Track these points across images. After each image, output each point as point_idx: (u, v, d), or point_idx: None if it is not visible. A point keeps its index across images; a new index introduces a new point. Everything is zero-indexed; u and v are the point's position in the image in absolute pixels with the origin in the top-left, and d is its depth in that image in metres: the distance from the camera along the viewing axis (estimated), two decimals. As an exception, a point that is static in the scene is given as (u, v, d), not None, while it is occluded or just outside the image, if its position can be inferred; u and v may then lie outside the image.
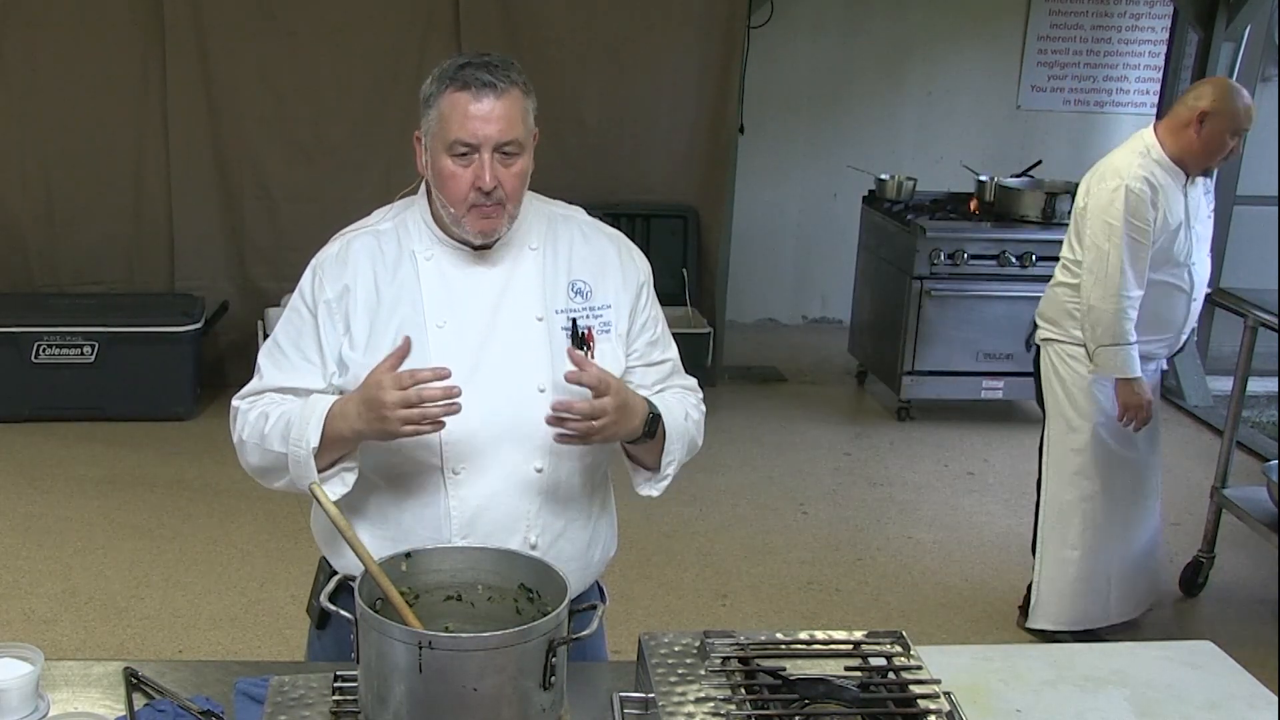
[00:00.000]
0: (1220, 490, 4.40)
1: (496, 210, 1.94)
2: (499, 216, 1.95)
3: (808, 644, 1.85)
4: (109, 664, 1.95)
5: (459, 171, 1.91)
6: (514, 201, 1.96)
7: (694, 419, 2.11)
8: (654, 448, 2.02)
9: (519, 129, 1.92)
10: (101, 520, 4.67)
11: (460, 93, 1.89)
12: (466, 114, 1.89)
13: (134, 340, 5.54)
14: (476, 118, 1.89)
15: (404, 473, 1.99)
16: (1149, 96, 7.33)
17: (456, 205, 1.94)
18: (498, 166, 1.91)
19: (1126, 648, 2.22)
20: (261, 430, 1.96)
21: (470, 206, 1.93)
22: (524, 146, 1.93)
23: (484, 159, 1.90)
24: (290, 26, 5.81)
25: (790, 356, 7.03)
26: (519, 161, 1.93)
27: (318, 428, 1.89)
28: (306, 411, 1.92)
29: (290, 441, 1.91)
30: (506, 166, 1.92)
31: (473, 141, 1.89)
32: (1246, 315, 4.30)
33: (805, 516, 5.01)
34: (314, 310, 2.01)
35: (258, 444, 1.97)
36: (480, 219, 1.94)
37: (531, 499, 2.00)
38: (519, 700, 1.60)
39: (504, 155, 1.91)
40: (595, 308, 2.05)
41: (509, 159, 1.92)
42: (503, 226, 1.98)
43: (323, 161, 5.93)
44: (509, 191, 1.93)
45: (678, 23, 6.11)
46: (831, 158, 7.30)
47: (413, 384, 1.81)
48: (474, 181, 1.91)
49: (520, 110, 1.92)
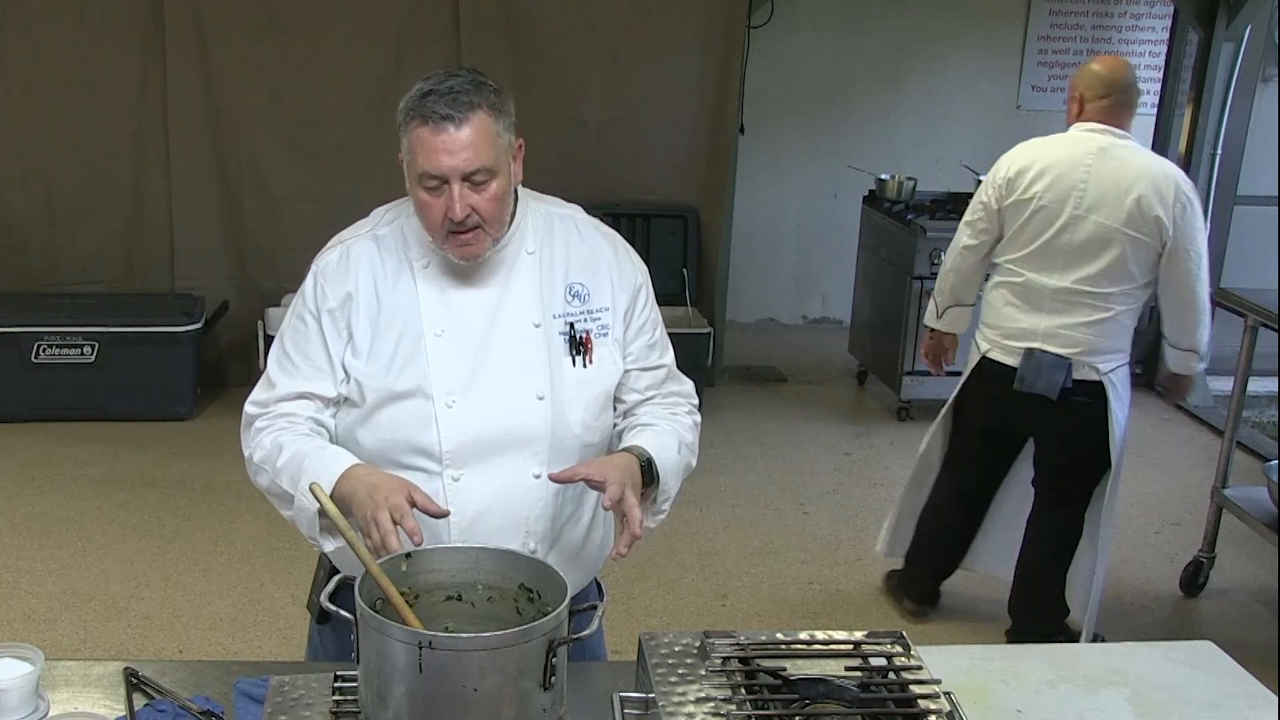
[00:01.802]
0: (1220, 490, 4.40)
1: (475, 235, 1.94)
2: (479, 241, 1.95)
3: (808, 644, 1.85)
4: (109, 664, 1.95)
5: (432, 202, 1.91)
6: (493, 224, 1.95)
7: (687, 442, 2.10)
8: (649, 491, 2.01)
9: (486, 154, 1.89)
10: (101, 520, 4.67)
11: (421, 127, 1.88)
12: (430, 147, 1.88)
13: (134, 340, 5.55)
14: (440, 150, 1.87)
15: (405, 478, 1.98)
16: (1149, 97, 7.29)
17: (434, 234, 1.95)
18: (469, 194, 1.90)
19: (1127, 648, 2.21)
20: (274, 464, 1.96)
21: (447, 234, 1.93)
22: (495, 171, 1.91)
23: (453, 190, 1.89)
24: (290, 27, 5.81)
25: (790, 356, 7.03)
26: (492, 185, 1.91)
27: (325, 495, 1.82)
28: (319, 462, 1.90)
29: (300, 492, 1.90)
30: (479, 192, 1.90)
31: (438, 173, 1.88)
32: (1246, 315, 4.30)
33: (805, 516, 5.00)
34: (318, 318, 2.01)
35: (269, 474, 1.97)
36: (458, 245, 1.94)
37: (531, 505, 2.00)
38: (519, 700, 1.60)
39: (474, 182, 1.90)
40: (593, 310, 2.05)
41: (481, 185, 1.90)
42: (485, 249, 1.97)
43: (323, 161, 5.93)
44: (485, 216, 1.92)
45: (678, 23, 6.10)
46: (831, 158, 7.30)
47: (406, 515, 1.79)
48: (446, 211, 1.90)
49: (487, 135, 1.89)
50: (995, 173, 3.83)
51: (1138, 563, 4.70)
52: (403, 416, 1.96)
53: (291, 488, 1.92)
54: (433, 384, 1.96)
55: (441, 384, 1.96)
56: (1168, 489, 5.41)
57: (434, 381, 1.96)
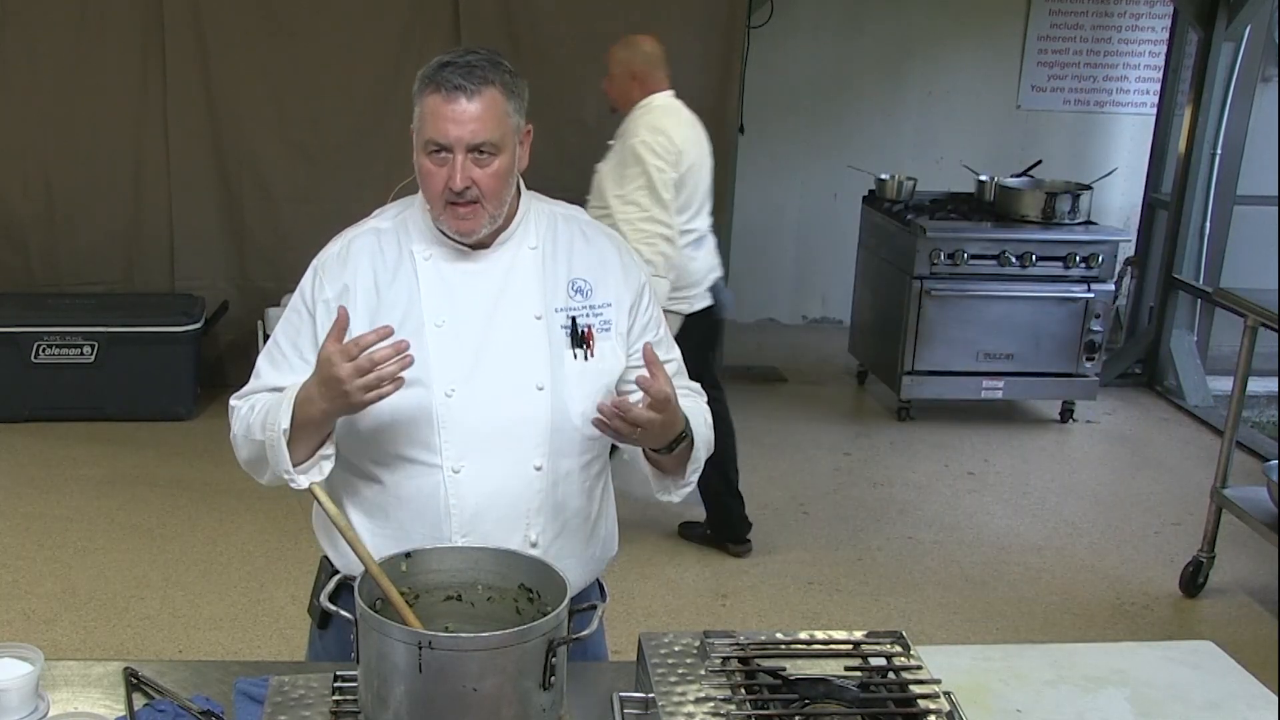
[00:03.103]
0: (1220, 490, 4.39)
1: (472, 210, 1.94)
2: (476, 216, 1.95)
3: (808, 644, 1.85)
4: (109, 664, 1.95)
5: (434, 170, 1.92)
6: (492, 200, 1.95)
7: (708, 421, 2.12)
8: (681, 455, 2.03)
9: (494, 130, 1.91)
10: (101, 520, 4.67)
11: (434, 95, 1.90)
12: (439, 115, 1.90)
13: (134, 340, 5.55)
14: (448, 119, 1.89)
15: (404, 472, 1.99)
16: (1149, 96, 7.33)
17: (433, 203, 1.96)
18: (472, 167, 1.91)
19: (1126, 648, 2.21)
20: (249, 421, 1.97)
21: (446, 204, 1.94)
22: (501, 147, 1.92)
23: (456, 160, 1.90)
24: (290, 27, 5.81)
25: (790, 356, 7.03)
26: (496, 161, 1.93)
27: (288, 411, 1.89)
28: (280, 398, 1.93)
29: (267, 428, 1.92)
30: (482, 167, 1.92)
31: (444, 142, 1.90)
32: (1246, 315, 4.30)
33: (805, 516, 5.01)
34: (312, 310, 2.01)
35: (244, 436, 1.99)
36: (455, 219, 1.95)
37: (531, 497, 2.00)
38: (519, 700, 1.60)
39: (479, 155, 1.91)
40: (595, 306, 2.05)
41: (485, 158, 1.92)
42: (482, 226, 1.97)
43: (323, 161, 5.93)
44: (485, 191, 1.93)
45: (678, 23, 6.09)
46: (831, 158, 7.30)
47: (359, 351, 1.80)
48: (447, 181, 1.92)
49: (497, 111, 1.91)
50: (670, 151, 4.12)
51: (1138, 563, 4.70)
52: (402, 407, 1.95)
53: (262, 434, 1.93)
54: (432, 375, 1.95)
55: (441, 375, 1.96)
56: (1168, 489, 5.41)
57: (434, 372, 1.95)
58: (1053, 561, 4.68)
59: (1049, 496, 5.29)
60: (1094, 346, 5.93)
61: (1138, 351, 6.73)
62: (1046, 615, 4.28)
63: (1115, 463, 5.81)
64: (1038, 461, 5.68)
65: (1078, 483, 5.48)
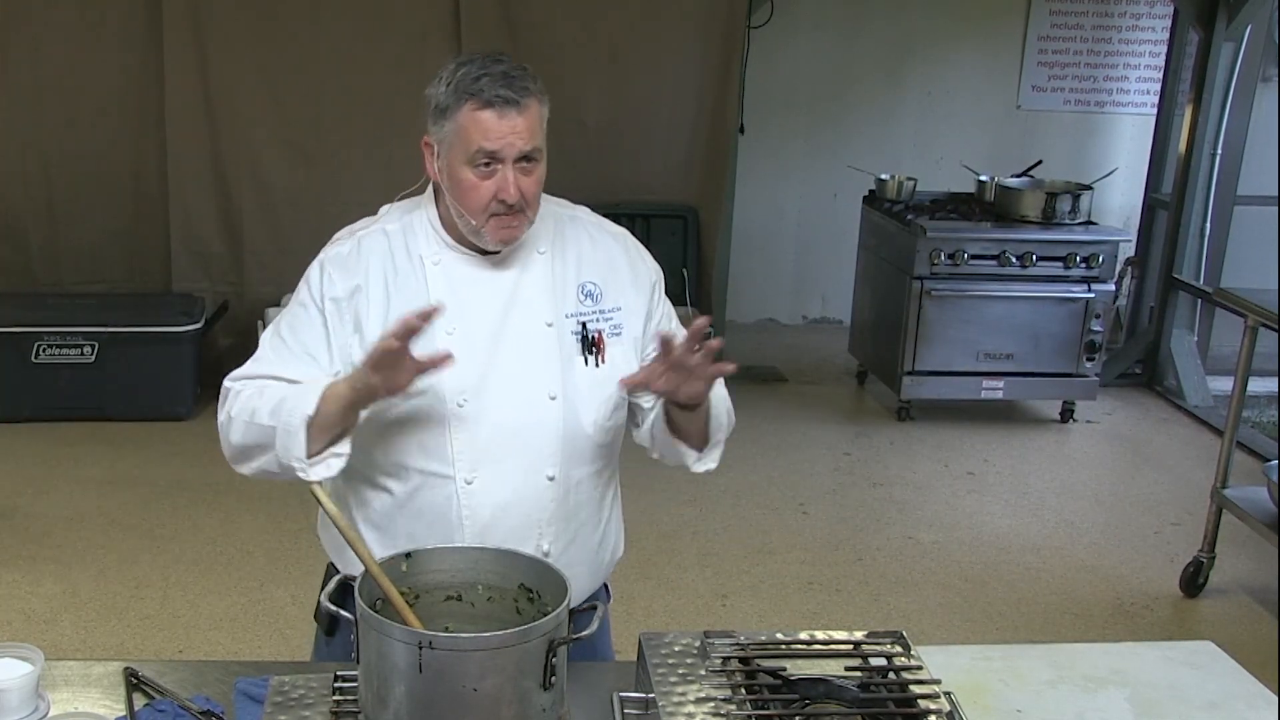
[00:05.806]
0: (1220, 490, 4.39)
1: (518, 219, 1.93)
2: (520, 225, 1.94)
3: (808, 644, 1.85)
4: (109, 664, 1.95)
5: (480, 183, 1.90)
6: (533, 208, 1.95)
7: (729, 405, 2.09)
8: (700, 415, 1.99)
9: (539, 137, 1.92)
10: (101, 520, 4.67)
11: (483, 110, 1.87)
12: (490, 129, 1.87)
13: (134, 340, 5.54)
14: (503, 132, 1.87)
15: (416, 483, 1.98)
16: (1149, 97, 7.33)
17: (476, 216, 1.92)
18: (519, 176, 1.90)
19: (1126, 648, 2.21)
20: (253, 406, 1.93)
21: (491, 216, 1.92)
22: (543, 153, 1.93)
23: (508, 172, 1.89)
24: (290, 28, 5.82)
25: (790, 356, 7.03)
26: (539, 168, 1.93)
27: (314, 398, 1.84)
28: (304, 388, 1.89)
29: (282, 414, 1.87)
30: (527, 174, 1.91)
31: (500, 153, 1.88)
32: (1246, 315, 4.30)
33: (805, 516, 5.01)
34: (321, 306, 1.98)
35: (245, 420, 1.93)
36: (501, 228, 1.93)
37: (544, 507, 1.99)
38: (519, 700, 1.60)
39: (525, 163, 1.91)
40: (605, 310, 2.04)
41: (530, 165, 1.91)
42: (522, 233, 1.96)
43: (322, 163, 5.93)
44: (529, 199, 1.93)
45: (678, 23, 6.11)
46: (831, 158, 7.30)
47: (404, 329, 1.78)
48: (496, 193, 1.89)
49: (539, 119, 1.92)
50: None
51: (1138, 563, 4.70)
52: (413, 417, 1.94)
53: (273, 420, 1.88)
54: (444, 384, 1.93)
55: (453, 384, 1.93)
56: (1168, 489, 5.41)
57: (445, 381, 1.92)
58: (1052, 561, 4.68)
59: (1049, 496, 5.29)
60: (1094, 346, 5.93)
61: (1138, 352, 6.73)
62: (1046, 615, 4.28)
63: (1115, 463, 5.81)
64: (1037, 461, 5.68)
65: (1077, 483, 5.48)
